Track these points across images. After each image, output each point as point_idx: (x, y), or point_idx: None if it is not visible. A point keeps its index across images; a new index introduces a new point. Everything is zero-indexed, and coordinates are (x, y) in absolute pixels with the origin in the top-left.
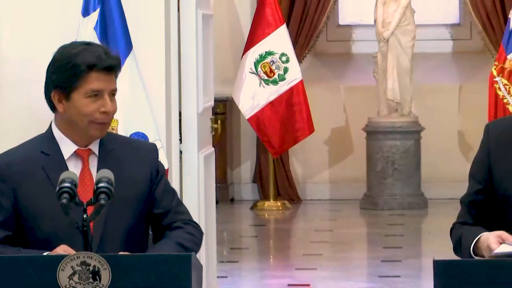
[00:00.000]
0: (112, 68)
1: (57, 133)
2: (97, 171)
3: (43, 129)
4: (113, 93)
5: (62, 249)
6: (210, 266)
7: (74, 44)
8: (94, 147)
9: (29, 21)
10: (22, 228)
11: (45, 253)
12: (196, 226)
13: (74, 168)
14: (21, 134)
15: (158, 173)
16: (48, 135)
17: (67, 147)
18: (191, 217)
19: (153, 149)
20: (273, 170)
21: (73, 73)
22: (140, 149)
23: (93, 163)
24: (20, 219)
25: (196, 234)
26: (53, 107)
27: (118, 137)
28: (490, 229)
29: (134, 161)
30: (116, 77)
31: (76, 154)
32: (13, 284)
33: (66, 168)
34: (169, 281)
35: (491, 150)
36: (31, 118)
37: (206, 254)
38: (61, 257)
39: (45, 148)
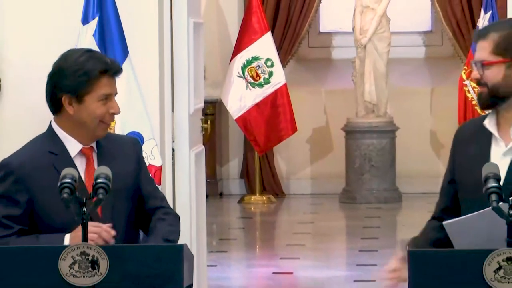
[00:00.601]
0: (118, 72)
1: (61, 133)
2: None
3: (43, 130)
4: (116, 94)
5: (92, 225)
6: (201, 256)
7: (77, 52)
8: (94, 145)
9: (32, 28)
10: (36, 223)
11: (67, 235)
12: (174, 213)
13: (80, 165)
14: (23, 134)
15: (140, 163)
16: (51, 135)
17: (73, 146)
18: (167, 203)
19: (135, 142)
20: (259, 166)
21: (86, 79)
22: (124, 144)
23: (94, 159)
24: (34, 214)
25: (175, 223)
26: (55, 109)
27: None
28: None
29: (122, 155)
30: None
31: (80, 152)
32: (17, 274)
33: (73, 165)
34: (162, 269)
35: (456, 146)
36: (33, 119)
37: (197, 245)
38: (62, 248)
39: (52, 148)
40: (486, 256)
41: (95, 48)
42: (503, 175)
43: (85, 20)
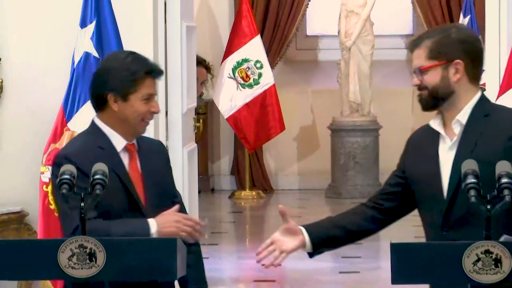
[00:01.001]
0: (161, 75)
1: (106, 129)
2: (141, 164)
3: (44, 130)
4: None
5: (185, 217)
6: None
7: (123, 53)
8: (135, 142)
9: (33, 31)
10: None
11: (151, 220)
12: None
13: (124, 159)
14: (24, 133)
15: (169, 163)
16: (96, 131)
17: (118, 141)
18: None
19: (162, 144)
20: (248, 163)
21: (132, 79)
22: (154, 145)
23: (137, 155)
24: None
25: None
26: (100, 106)
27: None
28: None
29: (155, 155)
30: None
31: (125, 147)
32: (19, 265)
33: (120, 160)
34: (157, 262)
35: (407, 149)
36: (33, 119)
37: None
38: (61, 241)
39: (100, 143)
40: (466, 248)
41: (92, 50)
42: (449, 167)
43: (83, 24)
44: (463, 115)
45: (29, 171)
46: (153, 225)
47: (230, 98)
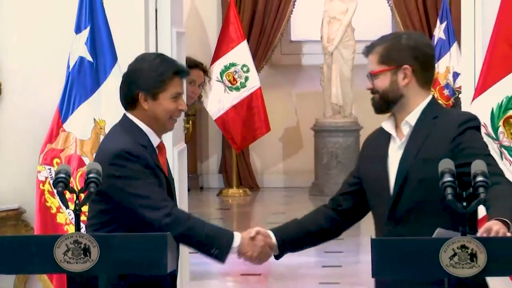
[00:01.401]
0: (187, 75)
1: (144, 127)
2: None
3: (40, 131)
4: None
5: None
6: None
7: (151, 55)
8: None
9: (31, 37)
10: None
11: (237, 234)
12: None
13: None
14: (21, 135)
15: None
16: (134, 128)
17: (154, 139)
18: None
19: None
20: (236, 162)
21: (161, 79)
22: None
23: (164, 153)
24: None
25: None
26: (130, 105)
27: None
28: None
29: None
30: None
31: (158, 145)
32: (17, 259)
33: (157, 158)
34: (148, 256)
35: (362, 151)
36: (32, 121)
37: None
38: (57, 236)
39: (141, 141)
40: (443, 244)
41: (87, 54)
42: (396, 165)
43: (78, 30)
44: (413, 117)
45: (26, 170)
46: (237, 237)
47: (218, 100)
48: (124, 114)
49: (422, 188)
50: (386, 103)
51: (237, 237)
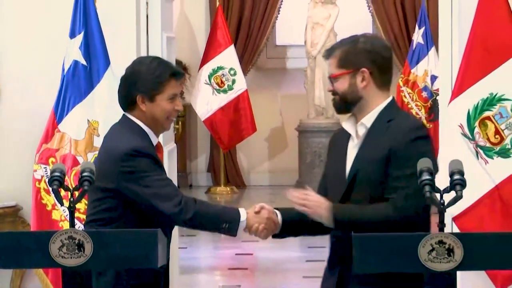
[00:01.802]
0: (182, 77)
1: (144, 127)
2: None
3: (36, 132)
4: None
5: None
6: (173, 239)
7: (148, 58)
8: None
9: (28, 42)
10: None
11: (242, 209)
12: None
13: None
14: (18, 135)
15: None
16: (135, 128)
17: (153, 139)
18: None
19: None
20: (223, 161)
21: (159, 81)
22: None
23: (161, 152)
24: None
25: None
26: (129, 106)
27: None
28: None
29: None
30: None
31: (156, 145)
32: (14, 254)
33: (157, 156)
34: (139, 251)
35: (328, 148)
36: (27, 122)
37: None
38: (52, 232)
39: (143, 139)
40: (421, 239)
41: (81, 58)
42: (350, 163)
43: (72, 35)
44: (368, 119)
45: (23, 169)
46: (243, 213)
47: (206, 102)
48: (124, 115)
49: (367, 188)
50: (346, 104)
51: (243, 212)
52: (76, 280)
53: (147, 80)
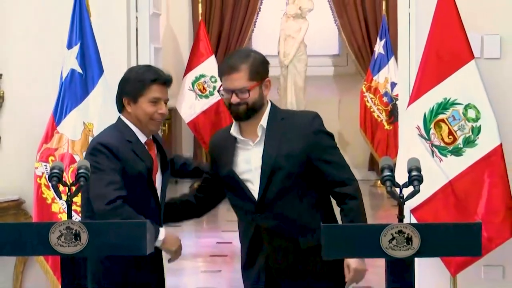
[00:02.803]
0: (167, 82)
1: (132, 126)
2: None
3: (37, 133)
4: (166, 101)
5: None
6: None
7: (139, 66)
8: (151, 138)
9: (30, 52)
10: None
11: (162, 229)
12: None
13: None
14: (21, 136)
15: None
16: (124, 127)
17: (141, 137)
18: None
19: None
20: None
21: (142, 84)
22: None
23: (154, 149)
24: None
25: None
26: (120, 108)
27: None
28: None
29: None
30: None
31: (145, 142)
32: (17, 243)
33: (146, 150)
34: (130, 240)
35: (212, 150)
36: (29, 124)
37: None
38: (51, 223)
39: (128, 137)
40: (383, 229)
41: (77, 67)
42: (257, 164)
43: (70, 46)
44: (264, 121)
45: (25, 167)
46: (162, 234)
47: (190, 106)
48: (119, 116)
49: (286, 179)
50: (253, 112)
51: (162, 231)
52: (73, 266)
53: (132, 84)
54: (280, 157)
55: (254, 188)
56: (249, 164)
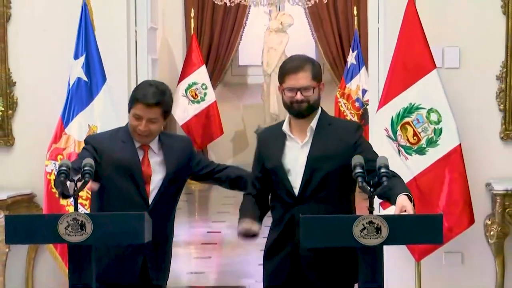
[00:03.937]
0: (150, 105)
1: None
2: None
3: (47, 134)
4: (150, 119)
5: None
6: None
7: (143, 83)
8: (153, 145)
9: (40, 62)
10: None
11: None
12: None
13: (140, 154)
14: (32, 137)
15: (192, 154)
16: (124, 129)
17: (136, 142)
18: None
19: (188, 140)
20: None
21: (132, 100)
22: (177, 142)
23: (149, 154)
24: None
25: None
26: None
27: (170, 135)
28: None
29: (179, 148)
30: (160, 110)
31: (140, 146)
32: (29, 232)
33: (136, 153)
34: (130, 229)
35: (260, 145)
36: (39, 126)
37: None
38: (60, 215)
39: (123, 138)
40: (355, 220)
41: (83, 76)
42: (299, 160)
43: (76, 56)
44: (314, 123)
45: (36, 164)
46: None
47: (183, 110)
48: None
49: (326, 178)
50: (312, 111)
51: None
52: (80, 253)
53: (130, 96)
54: (323, 159)
55: (296, 184)
56: (295, 160)
